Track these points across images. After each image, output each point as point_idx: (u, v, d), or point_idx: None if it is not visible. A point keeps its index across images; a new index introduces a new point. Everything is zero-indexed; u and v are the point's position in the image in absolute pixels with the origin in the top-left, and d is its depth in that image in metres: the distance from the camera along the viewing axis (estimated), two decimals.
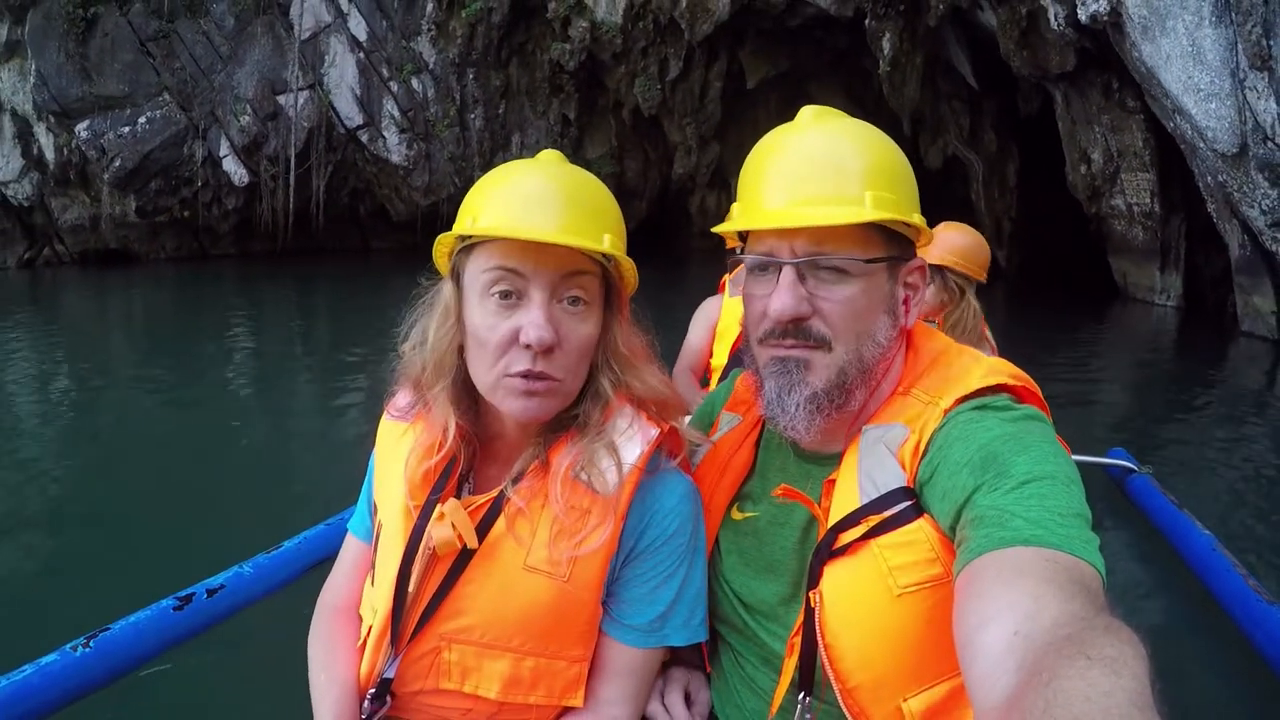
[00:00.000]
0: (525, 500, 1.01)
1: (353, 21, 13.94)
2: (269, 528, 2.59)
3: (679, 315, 2.95)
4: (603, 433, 1.04)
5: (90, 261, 16.32)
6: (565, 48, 13.75)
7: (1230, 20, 6.32)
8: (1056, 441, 0.91)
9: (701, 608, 1.09)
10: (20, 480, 4.14)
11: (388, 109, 14.00)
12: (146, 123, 13.50)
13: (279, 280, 13.34)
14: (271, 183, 13.64)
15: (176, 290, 13.05)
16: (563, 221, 0.97)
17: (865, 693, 0.93)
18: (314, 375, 6.92)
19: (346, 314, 10.31)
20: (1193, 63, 6.69)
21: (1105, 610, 0.69)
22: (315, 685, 1.08)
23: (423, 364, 1.06)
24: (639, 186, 16.44)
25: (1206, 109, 6.71)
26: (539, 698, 1.03)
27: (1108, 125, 9.87)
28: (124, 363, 7.58)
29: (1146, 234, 10.20)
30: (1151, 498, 3.16)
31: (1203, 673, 2.44)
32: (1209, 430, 5.19)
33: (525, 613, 1.00)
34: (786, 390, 0.99)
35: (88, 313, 11.28)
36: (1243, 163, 6.77)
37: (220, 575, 2.09)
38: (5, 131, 15.40)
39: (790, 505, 1.06)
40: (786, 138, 1.03)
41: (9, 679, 1.58)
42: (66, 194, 15.53)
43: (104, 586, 2.89)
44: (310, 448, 4.74)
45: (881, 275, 0.99)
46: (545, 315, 0.97)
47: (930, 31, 11.11)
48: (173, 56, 13.79)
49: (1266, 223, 6.92)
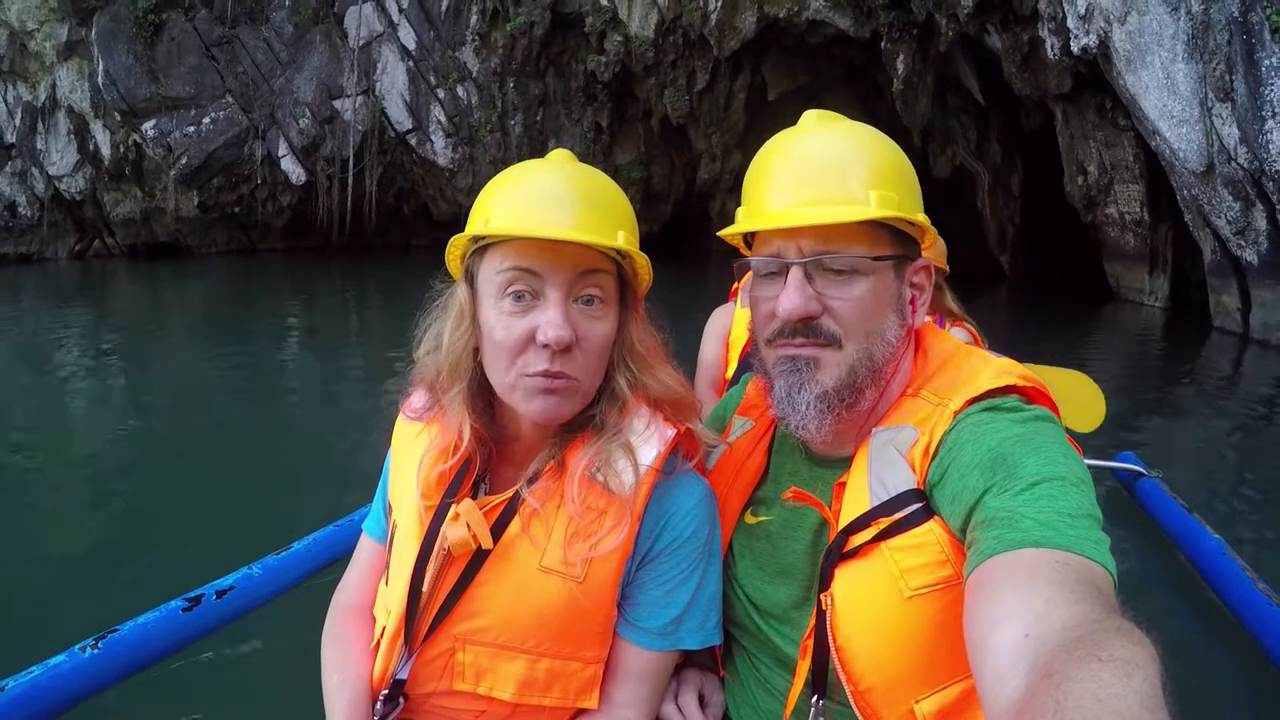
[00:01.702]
0: (541, 501, 1.01)
1: (403, 31, 14.97)
2: (282, 527, 2.66)
3: (698, 313, 2.95)
4: (619, 433, 1.03)
5: (139, 254, 17.23)
6: (601, 60, 14.75)
7: (1200, 57, 7.30)
8: (1067, 442, 0.91)
9: (717, 611, 1.09)
10: (63, 464, 4.37)
11: (435, 114, 15.05)
12: (210, 123, 14.56)
13: (329, 274, 14.12)
14: (327, 182, 14.68)
15: (231, 281, 13.83)
16: (576, 219, 0.97)
17: (877, 694, 0.93)
18: (353, 370, 7.17)
19: (392, 305, 10.84)
20: (1168, 93, 7.68)
21: (1116, 612, 0.68)
22: (328, 686, 1.07)
23: (438, 367, 1.06)
24: (665, 190, 17.45)
25: (1179, 133, 7.70)
26: (554, 699, 1.02)
27: (1102, 141, 10.79)
28: (182, 351, 8.07)
29: (1136, 240, 11.11)
30: (1161, 501, 3.15)
31: (1213, 677, 2.42)
32: (1186, 413, 6.04)
33: (540, 614, 1.00)
34: (796, 389, 0.99)
35: (149, 301, 12.05)
36: (1210, 179, 7.76)
37: (229, 576, 2.10)
38: (60, 128, 16.41)
39: (802, 509, 1.06)
40: (790, 141, 1.04)
41: (17, 680, 1.57)
42: (119, 188, 16.51)
43: (137, 574, 2.95)
44: (334, 445, 4.78)
45: (889, 274, 1.00)
46: (562, 314, 0.96)
47: (940, 54, 12.06)
48: (235, 61, 14.83)
49: (1231, 231, 7.90)
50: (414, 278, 12.31)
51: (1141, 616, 0.68)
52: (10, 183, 17.04)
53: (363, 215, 15.32)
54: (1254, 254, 7.94)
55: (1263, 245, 7.79)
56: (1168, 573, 2.96)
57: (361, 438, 4.60)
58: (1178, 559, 2.89)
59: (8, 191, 17.07)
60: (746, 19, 13.69)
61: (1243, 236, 7.90)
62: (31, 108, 16.28)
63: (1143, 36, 7.72)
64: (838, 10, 12.25)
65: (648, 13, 14.37)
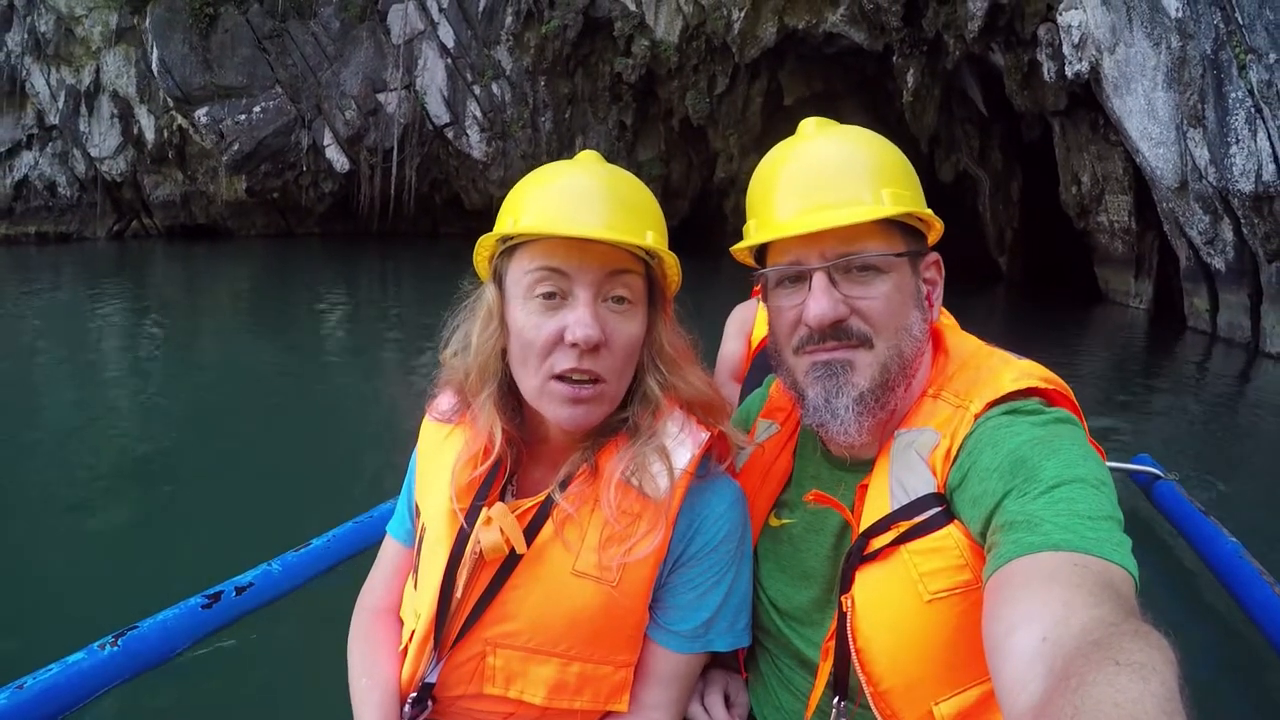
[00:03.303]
0: (574, 505, 1.01)
1: (442, 30, 15.85)
2: (306, 520, 2.66)
3: (712, 303, 2.90)
4: (654, 436, 1.03)
5: (176, 235, 18.06)
6: (628, 62, 15.57)
7: (1177, 87, 8.24)
8: (1087, 444, 0.91)
9: (746, 613, 1.09)
10: (100, 441, 4.48)
11: (471, 109, 15.97)
12: (261, 112, 15.46)
13: (369, 257, 14.88)
14: (369, 171, 15.60)
15: (272, 261, 14.51)
16: (606, 219, 0.97)
17: (897, 696, 0.93)
18: (389, 354, 7.34)
19: (425, 287, 11.43)
20: (1148, 117, 8.63)
21: (1135, 614, 0.68)
22: (356, 688, 1.07)
23: (466, 369, 1.06)
24: (682, 187, 18.34)
25: (1157, 153, 8.65)
26: (584, 703, 1.03)
27: (1094, 155, 11.64)
28: (230, 330, 8.39)
29: (1125, 247, 11.98)
30: (1178, 504, 3.14)
31: (1230, 680, 2.42)
32: (1157, 401, 6.93)
33: (573, 618, 1.00)
34: (834, 394, 0.99)
35: (196, 278, 12.71)
36: (1184, 195, 8.72)
37: (249, 573, 2.08)
38: (103, 111, 17.22)
39: (824, 511, 1.07)
40: (795, 149, 1.05)
41: (36, 677, 1.58)
42: (160, 171, 17.37)
43: (160, 565, 2.96)
44: (364, 435, 4.78)
45: (906, 269, 1.01)
46: (591, 314, 0.97)
47: (948, 69, 12.96)
48: (285, 53, 15.71)
49: (1202, 241, 8.88)
50: (445, 261, 13.19)
51: (1160, 619, 0.68)
52: (51, 163, 17.90)
53: (400, 203, 16.24)
54: (1222, 262, 8.92)
55: (1229, 254, 8.77)
56: (1184, 575, 2.95)
57: (391, 429, 4.59)
58: (1195, 562, 2.89)
59: (48, 172, 17.94)
60: (767, 29, 14.52)
61: (1212, 246, 8.88)
62: (75, 91, 17.12)
63: (1129, 66, 8.67)
64: (853, 25, 13.11)
65: (673, 19, 15.19)
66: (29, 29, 16.78)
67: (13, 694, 1.52)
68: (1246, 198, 7.89)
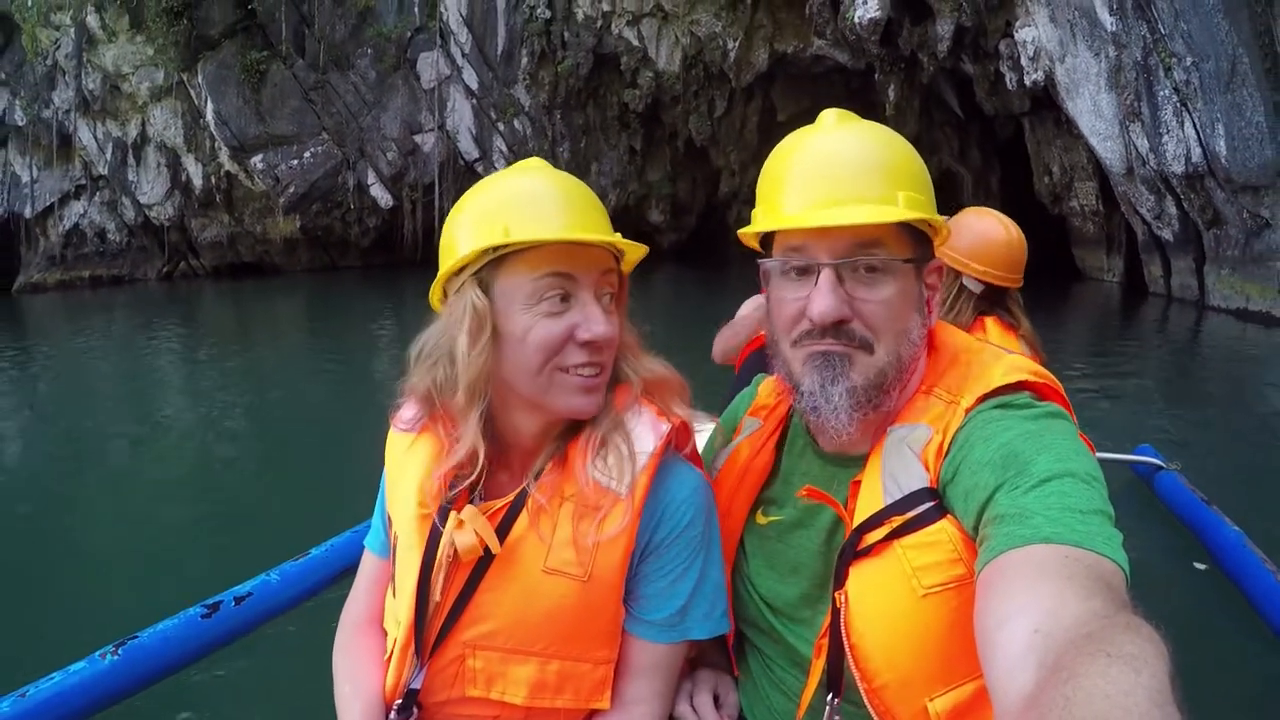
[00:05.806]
0: (546, 496, 1.02)
1: (466, 74, 17.39)
2: (309, 533, 2.64)
3: (722, 308, 2.99)
4: (619, 426, 1.05)
5: (223, 274, 19.41)
6: (635, 93, 17.06)
7: (1116, 89, 9.80)
8: (1078, 438, 0.91)
9: (722, 600, 1.09)
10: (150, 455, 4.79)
11: (497, 144, 17.53)
12: (310, 156, 16.99)
13: (415, 284, 15.83)
14: (410, 206, 17.19)
15: (321, 295, 15.54)
16: (594, 221, 1.02)
17: (891, 692, 0.93)
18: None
19: None
20: (1096, 116, 10.18)
21: (1126, 607, 0.68)
22: (340, 699, 1.09)
23: (439, 381, 1.05)
24: (689, 203, 19.91)
25: (1106, 146, 10.21)
26: (566, 701, 1.03)
27: (1061, 148, 13.14)
28: (288, 359, 8.84)
29: (1095, 228, 13.48)
30: (1180, 494, 3.14)
31: (1233, 669, 2.42)
32: (1112, 347, 8.36)
33: (548, 615, 1.01)
34: (831, 381, 0.99)
35: (254, 315, 13.64)
36: (1132, 179, 10.27)
37: (248, 583, 2.08)
38: (150, 161, 18.73)
39: (815, 507, 1.07)
40: (813, 139, 1.03)
41: (38, 686, 1.60)
42: (206, 215, 18.89)
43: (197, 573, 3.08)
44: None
45: (911, 275, 1.00)
46: (601, 312, 1.01)
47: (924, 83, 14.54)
48: (329, 102, 17.22)
49: (1151, 217, 10.44)
50: None
51: (1160, 609, 0.68)
52: (100, 211, 19.44)
53: (435, 235, 17.80)
54: (1170, 233, 10.47)
55: (1175, 226, 10.31)
56: (1187, 565, 2.94)
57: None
58: (1197, 551, 2.91)
59: (97, 219, 19.49)
60: (760, 54, 16.05)
61: (1160, 220, 10.43)
62: (122, 143, 18.59)
63: (1076, 73, 10.22)
64: (837, 47, 14.63)
65: (674, 51, 16.70)
66: (76, 88, 18.02)
67: (15, 702, 1.55)
68: (1180, 178, 9.43)
